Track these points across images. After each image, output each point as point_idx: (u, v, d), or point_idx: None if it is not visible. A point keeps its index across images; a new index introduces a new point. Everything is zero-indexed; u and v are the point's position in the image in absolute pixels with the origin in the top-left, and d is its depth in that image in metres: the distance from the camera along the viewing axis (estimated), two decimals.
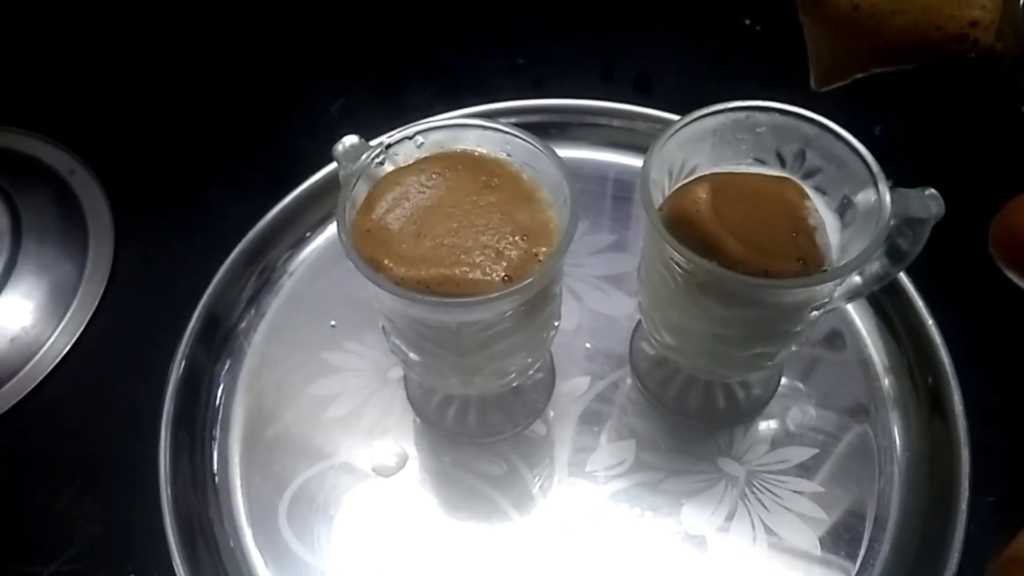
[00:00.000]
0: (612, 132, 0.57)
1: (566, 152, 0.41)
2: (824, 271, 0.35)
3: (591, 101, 0.57)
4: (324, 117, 0.62)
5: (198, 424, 0.46)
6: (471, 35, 0.68)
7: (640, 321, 0.48)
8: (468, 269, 0.34)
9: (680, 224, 0.35)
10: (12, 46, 0.67)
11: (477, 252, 0.35)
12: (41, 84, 0.65)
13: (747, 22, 0.67)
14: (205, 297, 0.48)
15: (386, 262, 0.34)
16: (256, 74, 0.65)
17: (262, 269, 0.51)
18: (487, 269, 0.34)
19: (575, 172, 0.35)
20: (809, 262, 0.35)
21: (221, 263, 0.49)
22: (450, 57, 0.66)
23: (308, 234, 0.53)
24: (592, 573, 0.41)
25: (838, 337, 0.49)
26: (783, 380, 0.48)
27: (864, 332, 0.49)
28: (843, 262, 0.35)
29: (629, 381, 0.48)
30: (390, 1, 0.70)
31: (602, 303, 0.51)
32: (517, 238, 0.35)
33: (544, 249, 0.35)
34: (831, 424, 0.46)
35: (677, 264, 0.35)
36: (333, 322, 0.49)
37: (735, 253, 0.34)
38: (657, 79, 0.65)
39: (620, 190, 0.56)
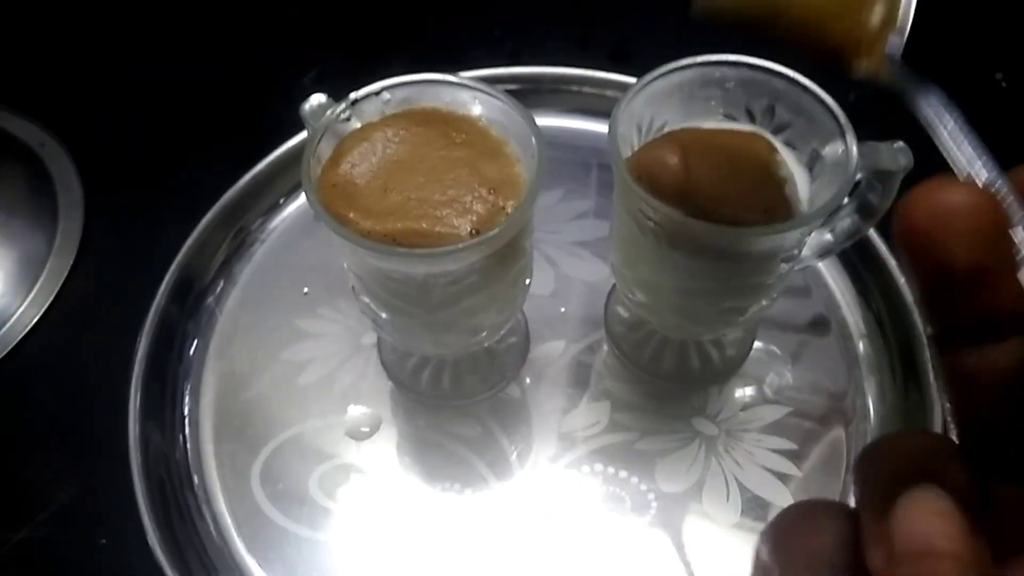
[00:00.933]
0: (587, 99, 0.57)
1: (542, 120, 0.41)
2: (789, 220, 0.35)
3: (565, 69, 0.57)
4: (299, 87, 0.61)
5: (168, 390, 0.45)
6: (448, 5, 0.68)
7: (615, 285, 0.48)
8: (435, 222, 0.34)
9: (648, 177, 0.35)
10: None
11: (444, 205, 0.34)
12: (9, 58, 0.64)
13: None
14: (175, 264, 0.47)
15: (352, 216, 0.34)
16: (230, 44, 0.64)
17: (234, 235, 0.51)
18: (454, 221, 0.34)
19: (550, 141, 0.35)
20: (777, 214, 0.35)
21: (192, 231, 0.49)
22: (427, 29, 0.66)
23: (281, 200, 0.53)
24: (568, 533, 0.41)
25: (811, 299, 0.49)
26: (757, 343, 0.48)
27: (838, 293, 0.49)
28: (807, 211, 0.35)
29: (604, 345, 0.48)
30: None
31: (577, 268, 0.50)
32: (484, 191, 0.35)
33: (512, 202, 0.35)
34: (805, 384, 0.46)
35: (646, 216, 0.35)
36: (306, 289, 0.49)
37: (702, 204, 0.34)
38: (635, 49, 0.65)
39: (596, 157, 0.56)
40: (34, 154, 0.57)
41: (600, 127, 0.56)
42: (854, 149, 0.35)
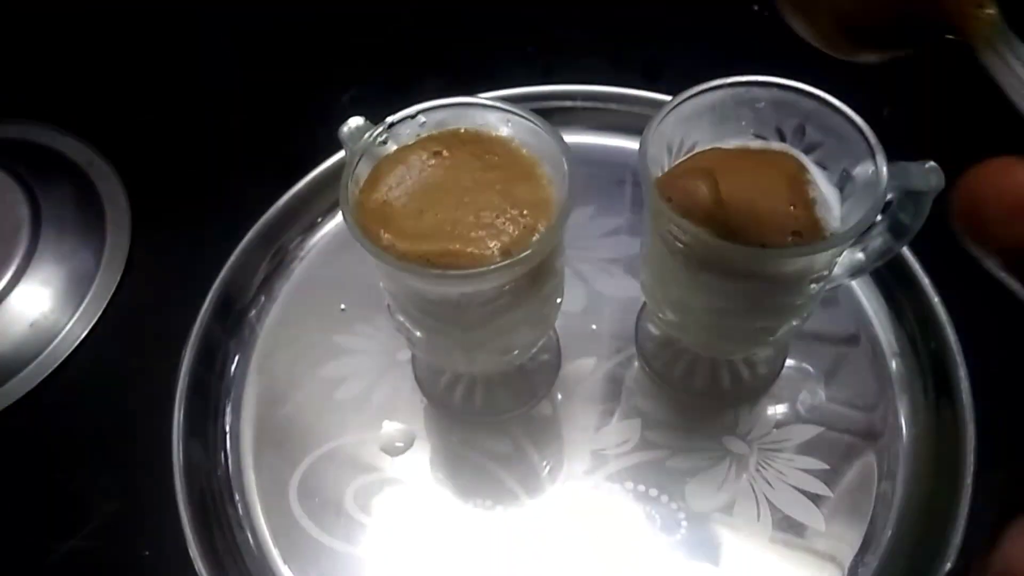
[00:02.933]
0: (619, 116, 0.57)
1: (573, 137, 0.42)
2: (820, 241, 0.35)
3: (597, 87, 0.58)
4: (337, 107, 0.63)
5: (211, 405, 0.47)
6: (480, 25, 0.69)
7: (645, 303, 0.49)
8: (468, 243, 0.35)
9: (678, 198, 0.35)
10: (32, 40, 0.68)
11: (477, 227, 0.35)
12: (60, 79, 0.66)
13: (755, 7, 0.67)
14: (218, 281, 0.49)
15: (388, 237, 0.35)
16: (271, 68, 0.66)
17: (274, 254, 0.52)
18: (487, 243, 0.35)
19: (583, 157, 0.36)
20: (807, 234, 0.35)
21: (235, 247, 0.50)
22: (460, 47, 0.67)
23: (319, 219, 0.54)
24: (598, 551, 0.42)
25: (843, 316, 0.49)
26: (788, 361, 0.48)
27: (870, 311, 0.49)
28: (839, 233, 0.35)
29: (635, 362, 0.48)
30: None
31: (608, 285, 0.51)
32: (516, 213, 0.36)
33: (543, 223, 0.35)
34: (837, 403, 0.46)
35: (676, 238, 0.36)
36: (343, 305, 0.50)
37: (732, 225, 0.34)
38: (667, 64, 0.65)
39: (629, 174, 0.56)
40: (83, 172, 0.59)
41: (632, 144, 0.57)
42: (884, 169, 0.35)
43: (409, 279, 0.35)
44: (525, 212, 0.36)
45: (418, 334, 0.39)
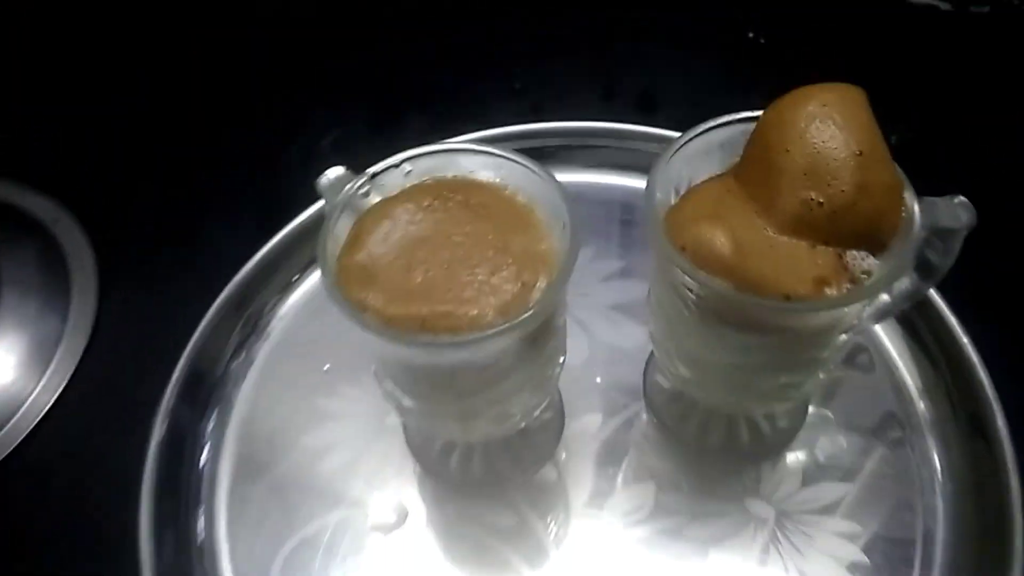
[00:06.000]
0: (614, 153, 0.54)
1: (567, 176, 0.39)
2: (849, 291, 0.32)
3: (590, 123, 0.55)
4: (317, 149, 0.59)
5: (182, 486, 0.42)
6: (466, 59, 0.66)
7: (653, 351, 0.45)
8: (462, 304, 0.31)
9: (692, 246, 0.32)
10: None
11: (471, 286, 0.32)
12: (23, 132, 0.63)
13: (751, 35, 0.65)
14: (188, 348, 0.45)
15: (372, 300, 0.32)
16: (247, 106, 0.63)
17: (249, 315, 0.48)
18: (482, 303, 0.31)
19: (578, 196, 0.33)
20: (832, 279, 0.32)
21: (209, 307, 0.47)
22: (446, 83, 0.64)
23: (296, 277, 0.50)
24: None
25: (867, 360, 0.46)
26: (810, 409, 0.45)
27: (895, 353, 0.46)
28: (870, 280, 0.32)
29: (645, 416, 0.45)
30: (384, 28, 0.69)
31: (612, 334, 0.47)
32: (514, 269, 0.32)
33: (543, 279, 0.32)
34: (865, 455, 0.42)
35: (689, 289, 0.32)
36: (327, 365, 0.47)
37: (751, 275, 0.31)
38: (661, 97, 0.62)
39: (626, 213, 0.53)
40: (47, 230, 0.56)
41: (629, 181, 0.54)
42: (915, 207, 0.32)
43: (397, 346, 0.32)
44: (523, 268, 0.32)
45: (408, 403, 0.36)
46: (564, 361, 0.37)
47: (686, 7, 0.68)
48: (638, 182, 0.53)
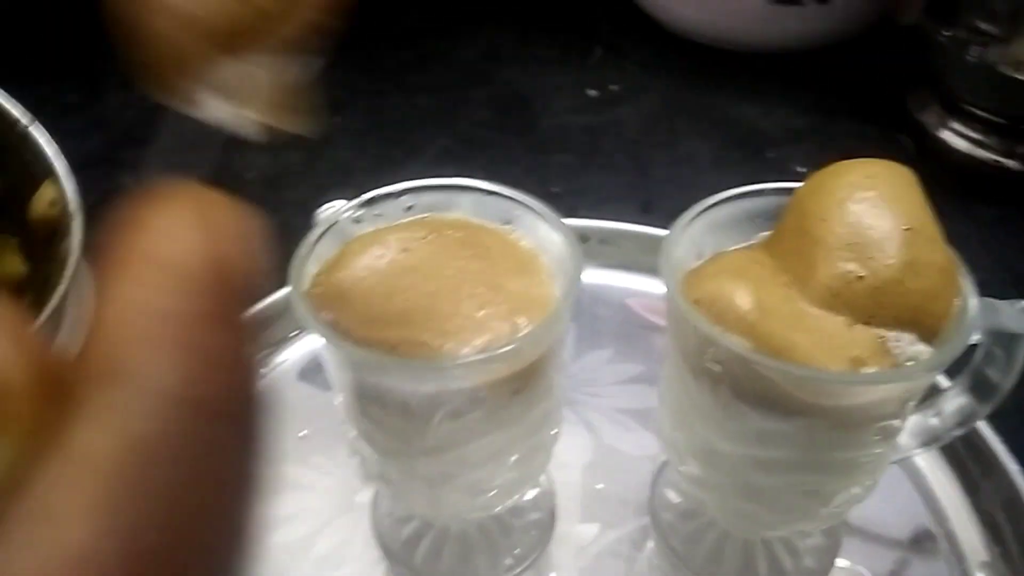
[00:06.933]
0: (647, 256, 0.51)
1: (594, 274, 0.36)
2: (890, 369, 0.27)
3: (625, 224, 0.52)
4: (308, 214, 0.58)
5: None
6: (504, 167, 0.65)
7: (664, 463, 0.40)
8: (441, 336, 0.28)
9: (707, 300, 0.28)
10: None
11: (455, 319, 0.28)
12: None
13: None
14: None
15: (344, 322, 0.28)
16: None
17: None
18: (464, 337, 0.28)
19: (600, 295, 0.30)
20: (870, 361, 0.27)
21: None
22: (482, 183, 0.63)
23: (295, 333, 0.47)
24: None
25: (909, 506, 0.40)
26: (840, 561, 0.38)
27: (942, 499, 0.40)
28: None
29: (648, 536, 0.39)
30: (422, 134, 0.69)
31: (621, 439, 0.43)
32: (505, 308, 0.29)
33: (537, 323, 0.28)
34: None
35: (702, 353, 0.28)
36: (303, 432, 0.42)
37: (775, 343, 0.27)
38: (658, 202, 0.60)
39: (654, 320, 0.49)
40: None
41: (659, 287, 0.51)
42: (972, 297, 0.28)
43: (363, 371, 0.28)
44: (516, 308, 0.29)
45: (373, 454, 0.31)
46: (556, 435, 0.33)
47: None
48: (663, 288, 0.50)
